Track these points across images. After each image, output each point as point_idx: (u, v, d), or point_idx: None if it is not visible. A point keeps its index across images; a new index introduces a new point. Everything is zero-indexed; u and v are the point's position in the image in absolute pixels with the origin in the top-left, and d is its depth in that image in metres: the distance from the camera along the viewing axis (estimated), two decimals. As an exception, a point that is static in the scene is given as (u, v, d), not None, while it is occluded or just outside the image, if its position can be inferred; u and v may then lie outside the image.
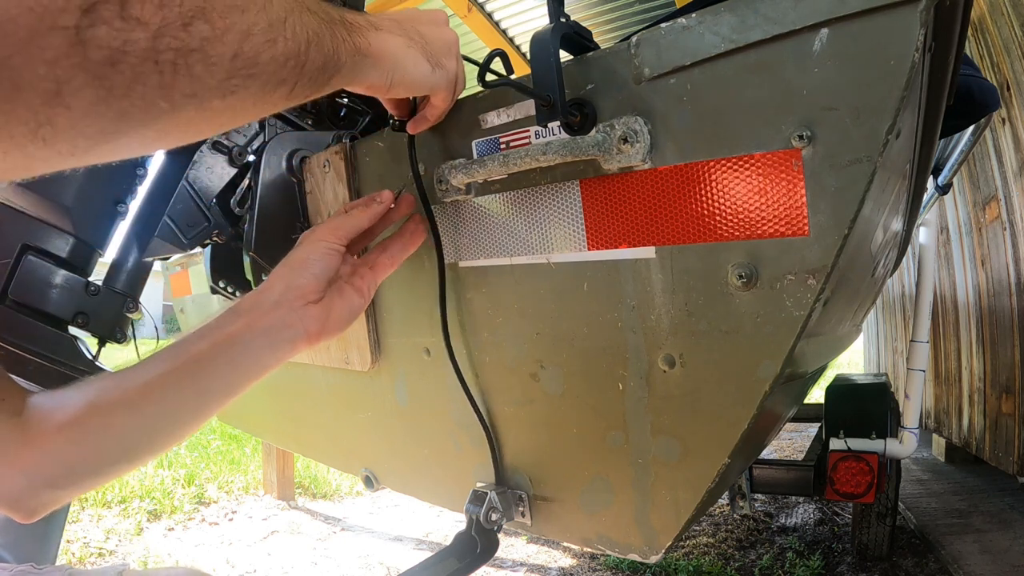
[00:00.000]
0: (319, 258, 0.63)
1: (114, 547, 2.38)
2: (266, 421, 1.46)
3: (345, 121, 1.15)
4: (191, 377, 0.55)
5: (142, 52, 0.28)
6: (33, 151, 0.27)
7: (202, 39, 0.31)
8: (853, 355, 6.34)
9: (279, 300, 0.60)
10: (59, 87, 0.26)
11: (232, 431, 3.86)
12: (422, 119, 0.68)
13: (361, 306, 0.66)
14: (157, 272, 1.40)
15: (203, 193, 1.06)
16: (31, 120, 0.26)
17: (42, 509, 0.53)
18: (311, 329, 0.61)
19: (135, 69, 0.28)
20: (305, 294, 0.61)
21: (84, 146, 0.30)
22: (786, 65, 0.49)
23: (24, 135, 0.26)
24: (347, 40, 0.47)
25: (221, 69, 0.33)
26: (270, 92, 0.38)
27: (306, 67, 0.40)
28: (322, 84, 0.44)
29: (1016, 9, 2.11)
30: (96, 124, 0.29)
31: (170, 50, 0.29)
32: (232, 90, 0.34)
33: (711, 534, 2.38)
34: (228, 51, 0.33)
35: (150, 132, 0.32)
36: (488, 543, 0.79)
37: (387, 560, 2.31)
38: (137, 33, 0.28)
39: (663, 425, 0.64)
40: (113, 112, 0.29)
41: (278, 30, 0.36)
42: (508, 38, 4.06)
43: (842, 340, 1.22)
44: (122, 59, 0.28)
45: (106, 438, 0.53)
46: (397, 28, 0.56)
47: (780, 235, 0.52)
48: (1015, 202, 2.20)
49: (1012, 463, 2.27)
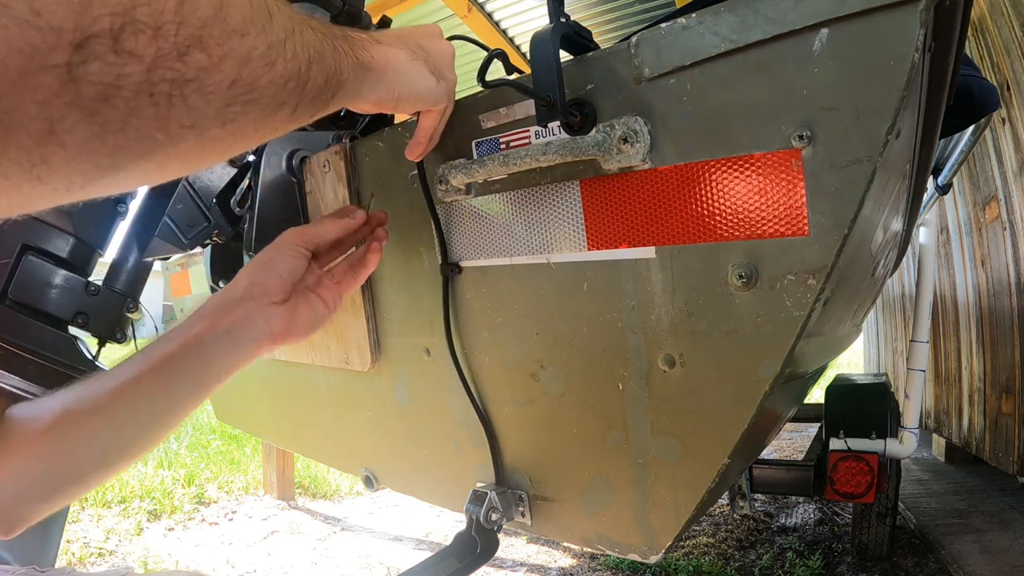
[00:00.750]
0: (284, 259, 0.63)
1: (114, 547, 2.38)
2: (266, 421, 1.46)
3: (345, 121, 1.15)
4: (161, 380, 0.55)
5: (136, 86, 0.27)
6: (29, 190, 0.27)
7: (198, 69, 0.30)
8: (853, 355, 6.33)
9: (243, 297, 0.60)
10: (52, 126, 0.25)
11: (232, 431, 3.86)
12: (416, 144, 0.68)
13: (325, 315, 0.66)
14: (157, 272, 1.40)
15: (203, 193, 1.05)
16: (24, 160, 0.25)
17: (21, 524, 0.53)
18: (275, 329, 0.61)
19: (129, 103, 0.27)
20: (269, 292, 0.61)
21: (81, 182, 0.29)
22: (786, 65, 0.49)
23: (19, 175, 0.26)
24: (349, 54, 0.46)
25: (219, 97, 0.32)
26: (271, 116, 0.37)
27: (308, 87, 0.39)
28: (325, 102, 0.44)
29: (1016, 9, 2.11)
30: (92, 160, 0.28)
31: (165, 81, 0.28)
32: (232, 118, 0.33)
33: (711, 534, 2.38)
34: (226, 79, 0.32)
35: (149, 165, 0.31)
36: (488, 543, 0.79)
37: (387, 560, 2.31)
38: (131, 67, 0.27)
39: (663, 425, 0.64)
40: (108, 147, 0.28)
41: (277, 52, 0.35)
42: (508, 38, 4.05)
43: (842, 340, 1.22)
44: (116, 94, 0.27)
45: (81, 446, 0.52)
46: (398, 42, 0.56)
47: (780, 235, 0.52)
48: (1015, 202, 2.20)
49: (1012, 463, 2.27)
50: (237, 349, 0.58)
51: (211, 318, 0.58)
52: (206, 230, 1.06)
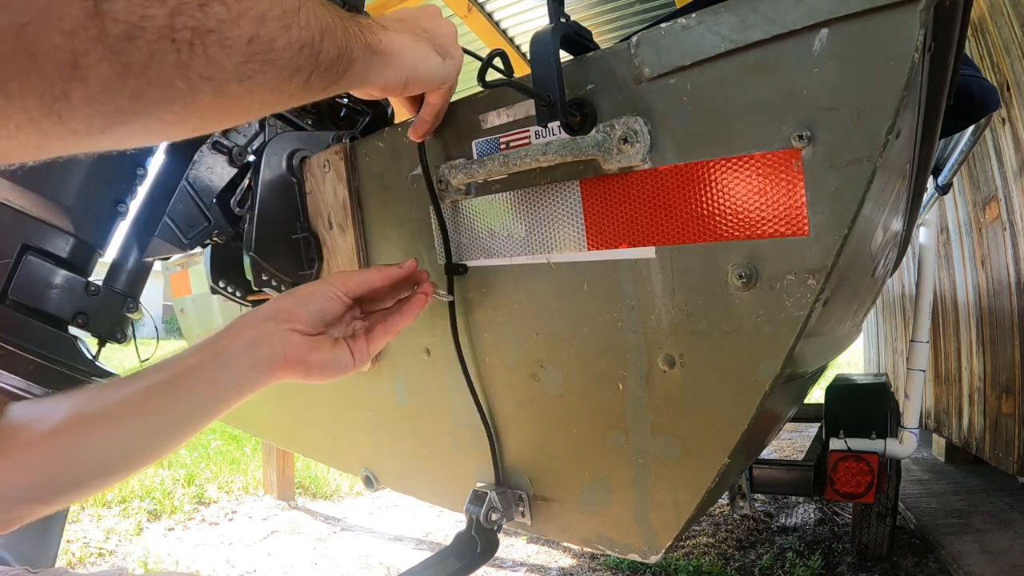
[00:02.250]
0: (320, 298, 0.62)
1: (114, 547, 2.38)
2: (266, 421, 1.46)
3: (345, 121, 1.15)
4: (174, 391, 0.54)
5: (159, 29, 0.28)
6: (48, 127, 0.27)
7: (218, 20, 0.31)
8: (853, 355, 6.34)
9: (268, 316, 0.59)
10: (76, 59, 0.26)
11: (232, 431, 3.86)
12: (421, 123, 0.68)
13: (348, 366, 0.63)
14: (157, 272, 1.40)
15: (203, 193, 1.05)
16: (47, 93, 0.26)
17: (16, 522, 0.52)
18: (290, 354, 0.58)
19: (152, 45, 0.28)
20: (292, 319, 0.60)
21: (100, 126, 0.29)
22: (786, 65, 0.49)
23: (39, 108, 0.26)
24: (358, 35, 0.47)
25: (237, 52, 0.33)
26: (287, 80, 0.39)
27: (320, 57, 0.41)
28: (337, 77, 0.45)
29: (1016, 9, 2.11)
30: (112, 101, 0.29)
31: (187, 28, 0.30)
32: (249, 75, 0.35)
33: (711, 534, 2.38)
34: (244, 34, 0.33)
35: (168, 115, 0.32)
36: (488, 543, 0.79)
37: (387, 560, 2.31)
38: (154, 9, 0.28)
39: (663, 425, 0.64)
40: (129, 90, 0.29)
41: (292, 17, 0.37)
42: (508, 38, 4.05)
43: (842, 340, 1.22)
44: (139, 34, 0.28)
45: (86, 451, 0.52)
46: (402, 26, 0.57)
47: (780, 235, 0.52)
48: (1015, 202, 2.20)
49: (1012, 463, 2.27)
50: (248, 368, 0.57)
51: (235, 332, 0.58)
52: (206, 230, 1.06)
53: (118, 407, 0.53)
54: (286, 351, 0.58)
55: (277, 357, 0.58)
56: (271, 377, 0.58)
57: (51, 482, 0.52)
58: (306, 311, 0.61)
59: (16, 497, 0.51)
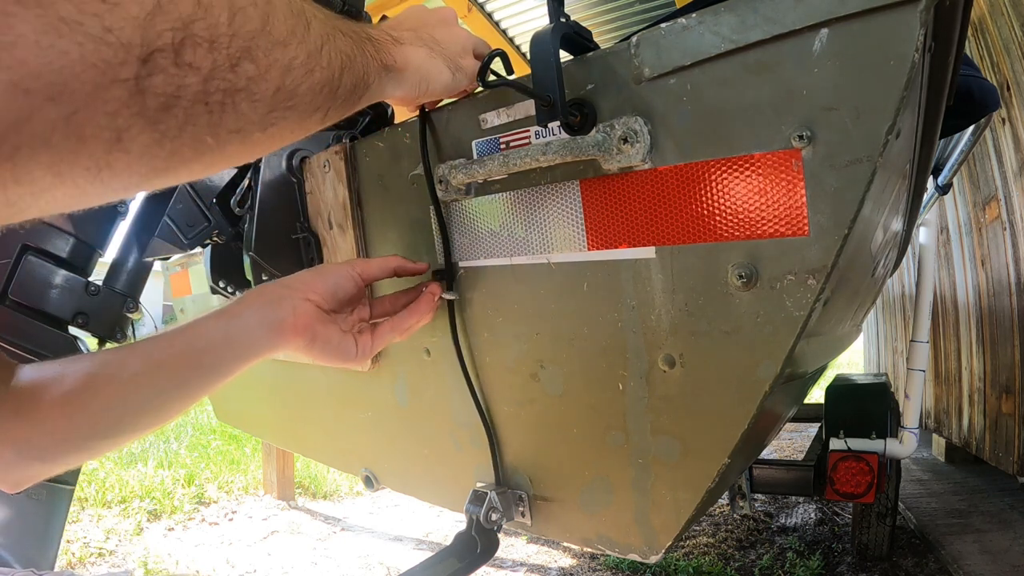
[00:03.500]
0: (337, 274, 0.66)
1: (114, 547, 2.38)
2: (266, 421, 1.46)
3: (345, 121, 1.15)
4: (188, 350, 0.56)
5: (194, 95, 0.30)
6: (91, 190, 0.29)
7: (248, 78, 0.32)
8: (853, 355, 6.33)
9: (285, 284, 0.63)
10: (119, 135, 0.27)
11: (232, 431, 3.86)
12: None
13: (351, 354, 0.66)
14: (157, 272, 1.40)
15: (203, 193, 1.05)
16: (92, 167, 0.27)
17: (26, 482, 0.54)
18: (300, 319, 0.60)
19: (187, 111, 0.30)
20: (308, 289, 0.62)
21: (136, 183, 0.31)
22: (786, 65, 0.49)
23: (84, 179, 0.28)
24: (375, 58, 0.49)
25: (264, 104, 0.34)
26: (306, 119, 0.40)
27: (339, 91, 0.42)
28: (353, 104, 0.46)
29: (1016, 9, 2.11)
30: (150, 164, 0.30)
31: (219, 91, 0.31)
32: (273, 123, 0.36)
33: (711, 534, 2.38)
34: (271, 87, 0.34)
35: (197, 166, 0.34)
36: (488, 543, 0.79)
37: (387, 560, 2.31)
38: (190, 78, 0.29)
39: (663, 425, 0.64)
40: (166, 152, 0.30)
41: (315, 60, 0.38)
42: (508, 38, 4.05)
43: (842, 340, 1.22)
44: (176, 104, 0.29)
45: (100, 412, 0.53)
46: (415, 39, 0.58)
47: (780, 235, 0.52)
48: (1015, 202, 2.20)
49: (1012, 463, 2.27)
50: (259, 326, 0.58)
51: (251, 296, 0.61)
52: (206, 230, 1.06)
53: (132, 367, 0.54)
54: (296, 315, 0.61)
55: (287, 318, 0.60)
56: (279, 339, 0.60)
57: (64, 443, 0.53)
58: (321, 283, 0.64)
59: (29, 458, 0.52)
